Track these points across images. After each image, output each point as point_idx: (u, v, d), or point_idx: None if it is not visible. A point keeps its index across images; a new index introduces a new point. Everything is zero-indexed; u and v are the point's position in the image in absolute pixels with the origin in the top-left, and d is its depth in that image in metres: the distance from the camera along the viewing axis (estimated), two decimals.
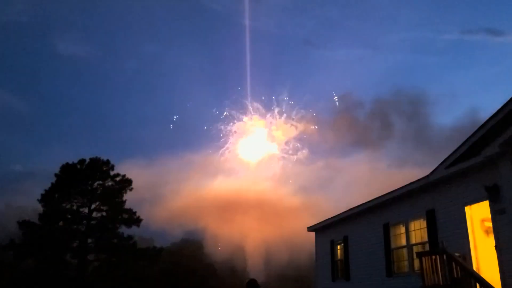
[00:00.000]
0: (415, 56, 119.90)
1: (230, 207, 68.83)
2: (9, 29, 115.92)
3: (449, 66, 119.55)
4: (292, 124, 59.71)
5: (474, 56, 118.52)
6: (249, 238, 69.72)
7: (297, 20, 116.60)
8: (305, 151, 61.04)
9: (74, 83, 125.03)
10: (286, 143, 60.82)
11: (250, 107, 59.78)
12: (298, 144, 61.07)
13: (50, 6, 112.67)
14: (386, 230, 13.70)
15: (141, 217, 38.28)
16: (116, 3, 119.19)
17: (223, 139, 60.57)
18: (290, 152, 61.25)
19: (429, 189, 12.02)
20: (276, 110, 60.22)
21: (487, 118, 10.13)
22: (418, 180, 12.18)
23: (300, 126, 59.96)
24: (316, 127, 59.46)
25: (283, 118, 60.17)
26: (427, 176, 11.84)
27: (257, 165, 61.82)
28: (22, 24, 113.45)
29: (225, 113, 59.38)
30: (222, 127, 59.74)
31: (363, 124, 68.93)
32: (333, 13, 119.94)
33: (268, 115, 60.63)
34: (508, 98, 9.49)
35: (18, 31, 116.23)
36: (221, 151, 60.64)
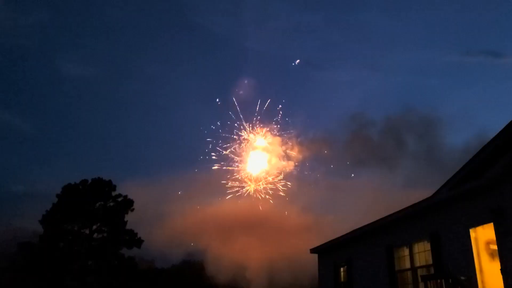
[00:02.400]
0: (416, 78, 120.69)
1: (232, 226, 68.23)
2: (13, 50, 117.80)
3: (451, 88, 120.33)
4: (299, 146, 59.62)
5: (475, 78, 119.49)
6: (251, 258, 68.84)
7: (298, 43, 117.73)
8: (308, 173, 60.78)
9: (76, 104, 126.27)
10: (290, 165, 60.63)
11: (248, 128, 59.76)
12: (304, 165, 60.84)
13: (54, 28, 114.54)
14: (390, 252, 13.46)
15: (142, 238, 38.07)
16: (119, 26, 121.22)
17: (226, 160, 60.52)
18: (295, 173, 60.98)
19: (433, 211, 11.86)
20: (277, 131, 60.29)
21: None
22: (421, 201, 12.02)
23: (306, 148, 59.82)
24: (322, 148, 59.33)
25: (284, 139, 60.16)
26: (430, 197, 11.72)
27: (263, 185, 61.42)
28: (26, 45, 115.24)
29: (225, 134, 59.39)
30: (225, 147, 59.83)
31: (370, 144, 68.63)
32: (334, 35, 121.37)
33: (270, 137, 60.64)
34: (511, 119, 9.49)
35: (22, 52, 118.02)
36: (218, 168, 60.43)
